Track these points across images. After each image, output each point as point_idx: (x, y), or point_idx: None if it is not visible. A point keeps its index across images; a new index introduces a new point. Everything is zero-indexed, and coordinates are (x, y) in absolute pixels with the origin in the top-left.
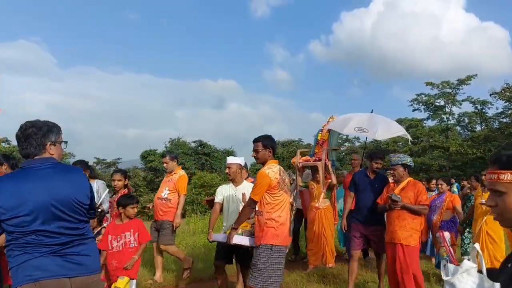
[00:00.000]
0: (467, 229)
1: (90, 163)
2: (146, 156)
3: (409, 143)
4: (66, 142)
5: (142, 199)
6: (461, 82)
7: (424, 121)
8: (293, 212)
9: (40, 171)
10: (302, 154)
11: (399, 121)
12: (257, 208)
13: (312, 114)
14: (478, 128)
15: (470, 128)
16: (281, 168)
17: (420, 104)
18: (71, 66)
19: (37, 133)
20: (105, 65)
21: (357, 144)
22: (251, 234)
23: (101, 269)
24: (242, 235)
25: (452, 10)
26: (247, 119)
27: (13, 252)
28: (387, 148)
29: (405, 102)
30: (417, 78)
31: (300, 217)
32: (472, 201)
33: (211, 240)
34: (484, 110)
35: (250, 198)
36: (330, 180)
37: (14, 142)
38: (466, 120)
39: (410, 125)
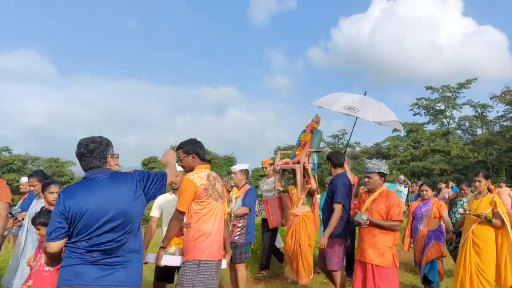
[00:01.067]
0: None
1: None
2: (146, 163)
3: (401, 134)
4: (118, 155)
5: None
6: (461, 86)
7: (425, 125)
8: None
9: (104, 181)
10: (286, 156)
11: None
12: (185, 220)
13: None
14: (479, 131)
15: (471, 131)
16: (213, 174)
17: (421, 108)
18: (71, 74)
19: (99, 147)
20: (105, 73)
21: (358, 149)
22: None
23: (141, 283)
24: (174, 254)
25: (450, 14)
26: (248, 125)
27: (64, 254)
28: (388, 153)
29: (405, 107)
30: (416, 82)
31: (265, 228)
32: (458, 206)
33: (144, 262)
34: (484, 114)
35: (176, 209)
36: (309, 185)
37: (15, 151)
38: (467, 124)
39: (411, 129)
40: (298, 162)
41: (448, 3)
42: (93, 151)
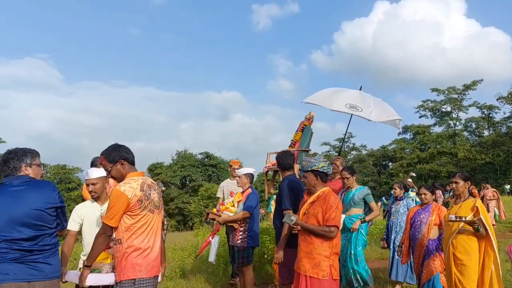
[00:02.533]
0: None
1: None
2: (153, 169)
3: (399, 130)
4: (42, 164)
5: None
6: (467, 87)
7: (431, 128)
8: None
9: (14, 187)
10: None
11: (406, 128)
12: (114, 235)
13: (317, 123)
14: (486, 133)
15: (477, 133)
16: (147, 181)
17: (427, 110)
18: (77, 81)
19: (13, 158)
20: (110, 80)
21: (364, 152)
22: (114, 269)
23: (60, 275)
24: (101, 271)
25: (453, 16)
26: (252, 129)
27: None
28: (394, 155)
29: (410, 109)
30: (420, 85)
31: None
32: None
33: (63, 281)
34: (491, 115)
35: (103, 224)
36: None
37: None
38: (474, 125)
39: (417, 131)
40: None
41: (451, 5)
42: (7, 161)
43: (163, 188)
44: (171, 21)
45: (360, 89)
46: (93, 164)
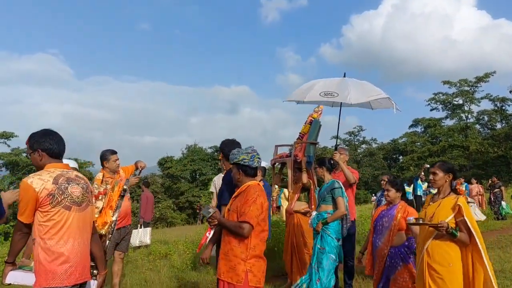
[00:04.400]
0: None
1: None
2: (163, 163)
3: (394, 111)
4: None
5: (161, 205)
6: (479, 79)
7: (443, 121)
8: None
9: None
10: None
11: (416, 121)
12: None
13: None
14: (499, 126)
15: (490, 126)
16: (68, 174)
17: (438, 103)
18: (87, 76)
19: None
20: (120, 75)
21: (374, 145)
22: None
23: None
24: (25, 269)
25: (464, 8)
26: (261, 123)
27: None
28: (405, 149)
29: (421, 102)
30: (431, 78)
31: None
32: None
33: (5, 282)
34: (504, 108)
35: (18, 220)
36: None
37: None
38: (486, 118)
39: (428, 124)
40: (289, 156)
41: None
42: None
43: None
44: (181, 16)
45: (344, 76)
46: (103, 157)
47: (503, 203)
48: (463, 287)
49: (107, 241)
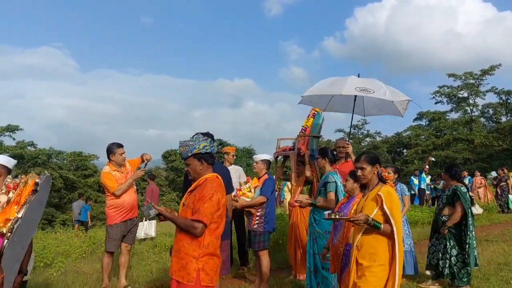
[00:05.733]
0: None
1: None
2: (167, 156)
3: (403, 116)
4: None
5: (165, 198)
6: (485, 72)
7: (447, 114)
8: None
9: None
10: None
11: (421, 114)
12: None
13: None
14: (504, 119)
15: (495, 119)
16: None
17: (443, 96)
18: (91, 70)
19: None
20: (124, 68)
21: (378, 139)
22: None
23: None
24: None
25: (469, 0)
26: (265, 116)
27: None
28: (409, 142)
29: (425, 95)
30: (435, 71)
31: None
32: (440, 203)
33: None
34: (509, 101)
35: None
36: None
37: (39, 145)
38: (491, 111)
39: (432, 118)
40: (292, 149)
41: None
42: None
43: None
44: (184, 9)
45: (358, 76)
46: (109, 150)
47: (510, 196)
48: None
49: (5, 241)
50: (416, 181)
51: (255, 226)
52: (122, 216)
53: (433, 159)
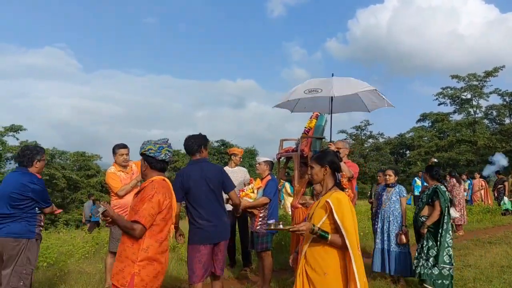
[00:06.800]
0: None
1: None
2: None
3: (385, 105)
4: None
5: None
6: (488, 74)
7: (451, 115)
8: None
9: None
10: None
11: (424, 116)
12: None
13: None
14: (507, 121)
15: (498, 121)
16: None
17: (446, 97)
18: (95, 70)
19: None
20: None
21: (381, 140)
22: None
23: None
24: None
25: (471, 2)
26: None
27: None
28: (412, 143)
29: (428, 97)
30: (438, 72)
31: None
32: (420, 204)
33: None
34: None
35: None
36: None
37: (43, 145)
38: (494, 113)
39: (435, 119)
40: (295, 150)
41: None
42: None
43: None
44: (187, 10)
45: (332, 76)
46: (112, 151)
47: (505, 198)
48: None
49: None
50: (419, 182)
51: (257, 227)
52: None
53: (436, 160)
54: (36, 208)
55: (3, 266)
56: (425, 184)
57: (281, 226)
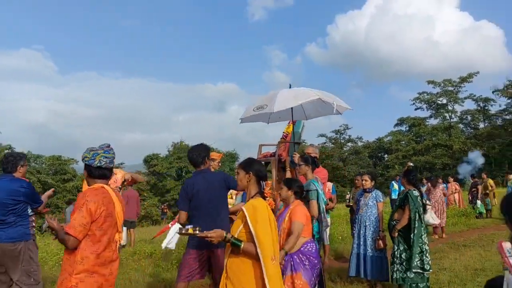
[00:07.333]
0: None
1: None
2: (149, 160)
3: (334, 111)
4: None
5: (146, 203)
6: (463, 80)
7: (427, 120)
8: None
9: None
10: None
11: (401, 120)
12: None
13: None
14: (481, 125)
15: (473, 125)
16: None
17: (423, 102)
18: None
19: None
20: (106, 70)
21: (360, 144)
22: None
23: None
24: None
25: (446, 10)
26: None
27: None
28: (390, 147)
29: (406, 101)
30: (415, 77)
31: None
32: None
33: None
34: (487, 107)
35: None
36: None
37: (17, 149)
38: (469, 118)
39: (412, 123)
40: (273, 156)
41: None
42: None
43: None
44: (167, 13)
45: (289, 87)
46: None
47: (478, 202)
48: None
49: None
50: (396, 186)
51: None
52: None
53: (412, 164)
54: (29, 210)
55: (10, 272)
56: (402, 188)
57: (189, 231)
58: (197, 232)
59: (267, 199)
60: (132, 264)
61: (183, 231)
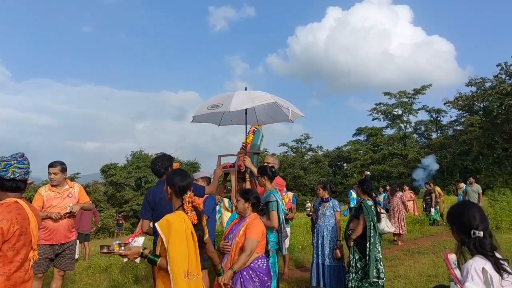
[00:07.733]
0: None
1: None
2: (106, 170)
3: (290, 117)
4: None
5: (103, 214)
6: (417, 91)
7: (384, 130)
8: None
9: None
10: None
11: (359, 130)
12: None
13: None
14: (434, 135)
15: (426, 135)
16: None
17: (379, 113)
18: (26, 78)
19: None
20: (62, 77)
21: (320, 153)
22: None
23: None
24: None
25: (401, 24)
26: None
27: None
28: (349, 156)
29: (364, 112)
30: (372, 89)
31: None
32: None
33: None
34: (439, 118)
35: None
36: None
37: None
38: (423, 128)
39: (370, 133)
40: (232, 166)
41: (399, 13)
42: None
43: None
44: (126, 20)
45: (245, 89)
46: (51, 165)
47: (432, 209)
48: None
49: None
50: (354, 194)
51: None
52: (46, 238)
53: (369, 173)
54: None
55: None
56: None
57: (111, 249)
58: (115, 250)
59: (188, 214)
60: (86, 279)
61: (105, 250)
